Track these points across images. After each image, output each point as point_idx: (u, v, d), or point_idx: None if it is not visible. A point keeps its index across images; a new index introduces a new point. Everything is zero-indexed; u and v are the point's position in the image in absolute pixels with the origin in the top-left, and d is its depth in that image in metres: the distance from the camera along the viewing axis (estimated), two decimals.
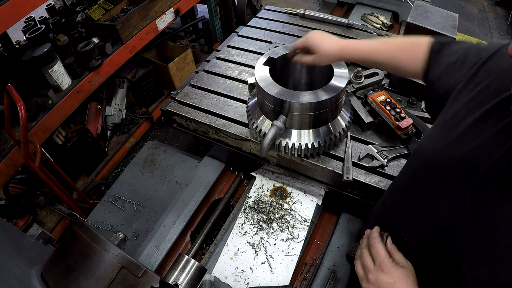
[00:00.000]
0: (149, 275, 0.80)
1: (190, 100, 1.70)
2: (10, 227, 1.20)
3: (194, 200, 1.61)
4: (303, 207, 1.52)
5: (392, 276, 0.78)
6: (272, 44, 2.02)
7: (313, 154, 1.40)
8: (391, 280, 0.78)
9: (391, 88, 1.70)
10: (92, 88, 2.36)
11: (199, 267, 1.02)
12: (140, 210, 1.72)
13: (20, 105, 1.63)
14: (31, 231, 1.23)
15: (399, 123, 1.36)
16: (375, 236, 0.88)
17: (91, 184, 2.57)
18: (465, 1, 5.56)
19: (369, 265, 0.84)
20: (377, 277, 0.80)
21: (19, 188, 2.27)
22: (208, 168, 1.74)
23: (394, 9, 2.89)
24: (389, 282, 0.78)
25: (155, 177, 1.84)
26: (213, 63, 1.93)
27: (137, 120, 3.15)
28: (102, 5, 2.65)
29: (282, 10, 2.37)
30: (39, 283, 0.85)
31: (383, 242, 0.86)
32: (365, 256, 0.87)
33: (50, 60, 2.05)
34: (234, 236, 1.45)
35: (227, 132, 1.55)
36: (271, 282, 1.33)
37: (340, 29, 2.15)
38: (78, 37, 2.48)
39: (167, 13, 2.75)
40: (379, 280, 0.79)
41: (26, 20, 2.54)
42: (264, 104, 1.34)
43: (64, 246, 0.90)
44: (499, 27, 5.00)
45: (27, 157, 1.70)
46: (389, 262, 0.81)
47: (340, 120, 1.38)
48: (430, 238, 0.77)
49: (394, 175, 1.34)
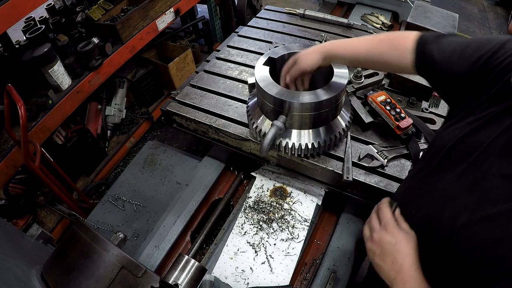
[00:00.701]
0: (149, 275, 0.80)
1: (190, 100, 1.70)
2: (10, 227, 1.20)
3: (194, 200, 1.61)
4: (303, 207, 1.52)
5: (394, 236, 0.82)
6: (272, 44, 2.02)
7: (313, 154, 1.40)
8: (392, 240, 0.82)
9: (391, 88, 1.70)
10: (92, 88, 2.36)
11: (199, 267, 1.03)
12: (140, 210, 1.72)
13: (20, 105, 1.63)
14: (31, 231, 1.23)
15: (399, 123, 1.36)
16: (384, 201, 0.92)
17: (91, 184, 2.57)
18: (465, 1, 5.56)
19: (375, 225, 0.88)
20: (380, 236, 0.84)
21: (19, 188, 2.26)
22: (208, 168, 1.74)
23: (394, 9, 2.89)
24: (391, 241, 0.82)
25: (155, 177, 1.84)
26: (213, 63, 1.93)
27: (137, 120, 3.15)
28: (102, 5, 2.65)
29: (282, 10, 2.37)
30: (39, 283, 0.85)
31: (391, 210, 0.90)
32: (372, 218, 0.91)
33: (50, 60, 2.05)
34: (234, 236, 1.45)
35: (227, 132, 1.55)
36: (271, 282, 1.33)
37: (340, 29, 2.15)
38: (78, 37, 2.48)
39: (167, 13, 2.75)
40: (382, 239, 0.84)
41: (26, 20, 2.54)
42: (264, 104, 1.34)
43: (64, 246, 0.90)
44: (499, 27, 5.00)
45: (27, 157, 1.70)
46: (393, 223, 0.85)
47: (340, 120, 1.38)
48: (434, 209, 0.80)
49: (394, 175, 1.35)
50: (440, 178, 0.81)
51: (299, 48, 1.44)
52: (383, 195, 1.28)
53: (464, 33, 4.76)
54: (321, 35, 2.07)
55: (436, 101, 1.65)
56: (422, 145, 1.40)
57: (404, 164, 1.38)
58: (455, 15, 1.66)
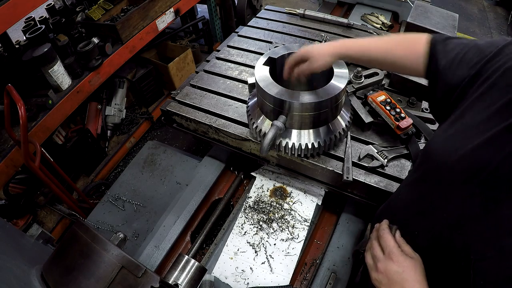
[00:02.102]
0: (149, 275, 0.80)
1: (190, 100, 1.70)
2: (10, 227, 1.20)
3: (194, 200, 1.61)
4: (303, 207, 1.52)
5: (400, 265, 0.80)
6: (272, 44, 2.02)
7: (313, 154, 1.40)
8: (399, 269, 0.79)
9: (391, 88, 1.70)
10: (92, 88, 2.36)
11: (199, 267, 1.02)
12: (140, 210, 1.72)
13: (20, 105, 1.63)
14: (31, 231, 1.23)
15: (399, 123, 1.36)
16: (384, 227, 0.90)
17: (91, 184, 2.57)
18: (465, 1, 5.56)
19: (379, 254, 0.86)
20: (386, 265, 0.82)
21: (19, 188, 2.26)
22: (208, 168, 1.74)
23: (394, 9, 2.89)
24: (398, 271, 0.79)
25: (155, 177, 1.84)
26: (213, 63, 1.93)
27: (137, 120, 3.15)
28: (102, 5, 2.65)
29: (282, 10, 2.37)
30: (39, 283, 0.85)
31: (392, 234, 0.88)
32: (374, 246, 0.88)
33: (50, 60, 2.05)
34: (234, 236, 1.45)
35: (227, 132, 1.55)
36: (271, 282, 1.33)
37: (340, 29, 2.15)
38: (78, 37, 2.48)
39: (167, 13, 2.75)
40: (388, 269, 0.81)
41: (26, 20, 2.54)
42: (264, 104, 1.34)
43: (64, 246, 0.90)
44: (499, 27, 5.00)
45: (27, 157, 1.70)
46: (398, 251, 0.82)
47: (340, 120, 1.38)
48: (440, 232, 0.79)
49: (394, 175, 1.35)
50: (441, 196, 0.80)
51: (299, 48, 1.44)
52: (383, 195, 1.28)
53: (464, 33, 4.76)
54: (321, 35, 2.07)
55: None
56: (422, 145, 1.40)
57: (404, 164, 1.38)
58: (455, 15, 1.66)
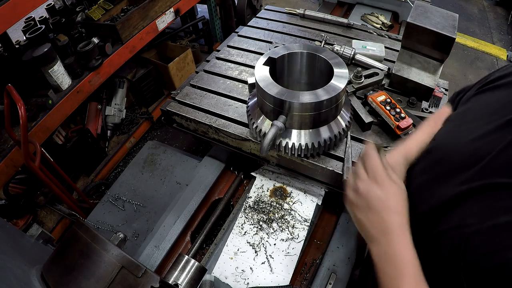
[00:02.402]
0: (149, 275, 0.80)
1: (190, 100, 1.70)
2: (10, 227, 1.20)
3: (194, 200, 1.61)
4: (303, 207, 1.52)
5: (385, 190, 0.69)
6: (272, 44, 2.02)
7: (313, 154, 1.40)
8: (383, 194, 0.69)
9: (391, 88, 1.70)
10: (92, 88, 2.36)
11: (199, 267, 1.02)
12: (140, 210, 1.72)
13: (20, 105, 1.63)
14: (31, 231, 1.23)
15: (399, 123, 1.36)
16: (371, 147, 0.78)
17: (91, 184, 2.57)
18: (465, 1, 5.56)
19: (362, 174, 0.74)
20: (369, 188, 0.71)
21: (19, 188, 2.27)
22: (208, 168, 1.74)
23: (394, 9, 2.89)
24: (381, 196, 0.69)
25: (155, 177, 1.84)
26: (213, 63, 1.93)
27: (137, 120, 3.15)
28: (102, 5, 2.66)
29: (282, 10, 2.37)
30: (39, 283, 0.85)
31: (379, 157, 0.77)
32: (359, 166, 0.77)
33: (50, 60, 2.05)
34: (234, 236, 1.45)
35: (227, 132, 1.55)
36: (271, 282, 1.33)
37: (340, 29, 2.15)
38: (78, 37, 2.48)
39: (167, 13, 2.75)
40: (370, 192, 0.71)
41: (26, 20, 2.54)
42: (264, 104, 1.34)
43: (64, 246, 0.90)
44: (499, 27, 5.01)
45: (27, 157, 1.70)
46: (384, 174, 0.71)
47: (340, 120, 1.38)
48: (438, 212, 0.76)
49: None
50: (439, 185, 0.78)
51: (299, 48, 1.44)
52: None
53: (464, 33, 4.76)
54: (321, 35, 2.07)
55: (436, 101, 1.65)
56: None
57: None
58: (455, 15, 1.65)
